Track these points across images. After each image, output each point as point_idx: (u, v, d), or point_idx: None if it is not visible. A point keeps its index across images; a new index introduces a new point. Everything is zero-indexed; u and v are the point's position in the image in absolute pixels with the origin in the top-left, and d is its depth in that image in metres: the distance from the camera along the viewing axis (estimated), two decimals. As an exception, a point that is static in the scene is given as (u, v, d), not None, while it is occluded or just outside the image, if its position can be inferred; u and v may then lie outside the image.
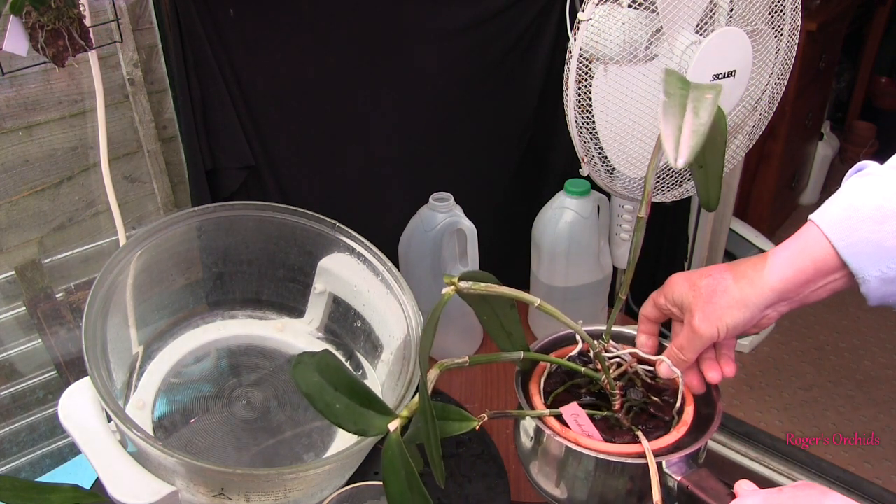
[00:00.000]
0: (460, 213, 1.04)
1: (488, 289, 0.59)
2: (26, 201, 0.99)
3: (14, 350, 1.05)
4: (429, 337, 0.55)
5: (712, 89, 0.56)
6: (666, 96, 0.56)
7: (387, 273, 0.87)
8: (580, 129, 0.93)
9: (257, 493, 0.71)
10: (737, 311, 0.61)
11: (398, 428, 0.51)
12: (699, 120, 0.53)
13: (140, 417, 0.79)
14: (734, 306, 0.61)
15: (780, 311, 0.62)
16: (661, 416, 0.64)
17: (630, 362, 0.67)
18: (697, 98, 0.55)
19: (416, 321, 0.83)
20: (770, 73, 0.98)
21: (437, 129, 1.20)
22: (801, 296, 0.60)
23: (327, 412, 0.51)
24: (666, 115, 0.55)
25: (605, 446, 0.61)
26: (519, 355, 0.65)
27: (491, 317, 0.64)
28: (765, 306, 0.61)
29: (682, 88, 0.56)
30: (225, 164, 1.08)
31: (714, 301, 0.62)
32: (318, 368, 0.51)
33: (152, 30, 0.99)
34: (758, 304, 0.61)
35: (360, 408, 0.52)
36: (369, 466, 0.83)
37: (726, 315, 0.61)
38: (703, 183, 0.63)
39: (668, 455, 0.59)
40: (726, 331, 0.61)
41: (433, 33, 1.12)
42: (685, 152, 0.52)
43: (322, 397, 0.51)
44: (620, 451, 0.60)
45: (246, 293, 0.93)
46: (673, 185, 1.02)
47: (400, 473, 0.50)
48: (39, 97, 0.95)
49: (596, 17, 0.87)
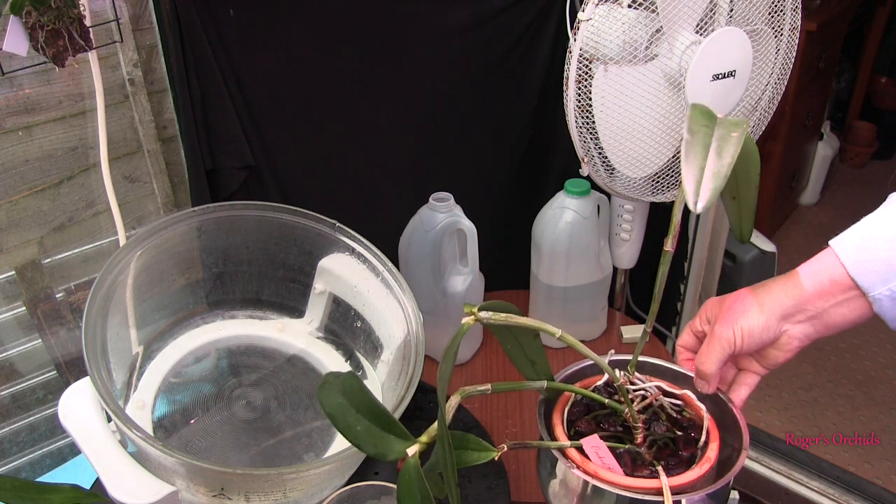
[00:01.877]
0: (460, 213, 1.04)
1: (508, 319, 0.58)
2: (26, 201, 0.99)
3: (14, 350, 1.05)
4: (448, 366, 0.54)
5: (738, 126, 0.54)
6: (689, 134, 0.55)
7: (387, 273, 0.87)
8: (580, 129, 0.93)
9: (257, 493, 0.71)
10: (752, 314, 0.61)
11: (416, 453, 0.52)
12: (722, 161, 0.52)
13: (140, 417, 0.79)
14: (750, 310, 0.62)
15: (803, 332, 0.62)
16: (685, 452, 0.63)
17: (655, 395, 0.65)
18: (723, 137, 0.54)
19: (416, 321, 0.83)
20: (770, 73, 0.98)
21: (437, 129, 1.20)
22: (818, 309, 0.60)
23: (348, 433, 0.52)
24: (688, 154, 0.54)
25: (625, 480, 0.59)
26: (542, 384, 0.64)
27: (514, 345, 0.63)
28: (781, 314, 0.61)
29: (706, 126, 0.55)
30: (225, 164, 1.08)
31: (734, 308, 0.63)
32: (343, 390, 0.52)
33: (152, 30, 0.99)
34: (773, 310, 0.61)
35: (380, 431, 0.53)
36: (369, 466, 0.83)
37: (742, 318, 0.62)
38: (735, 215, 0.62)
39: (689, 494, 0.58)
40: (741, 334, 0.62)
41: (433, 33, 1.12)
42: (705, 196, 0.51)
43: (344, 418, 0.52)
44: (639, 485, 0.59)
45: (246, 293, 0.93)
46: (673, 185, 1.02)
47: (415, 497, 0.51)
48: (39, 97, 0.95)
49: (596, 17, 0.87)
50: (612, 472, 0.60)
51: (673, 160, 0.98)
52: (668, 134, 0.93)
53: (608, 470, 0.60)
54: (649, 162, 0.95)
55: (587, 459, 0.61)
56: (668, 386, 0.66)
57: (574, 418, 0.66)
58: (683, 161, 0.53)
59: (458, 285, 1.08)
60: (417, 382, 0.77)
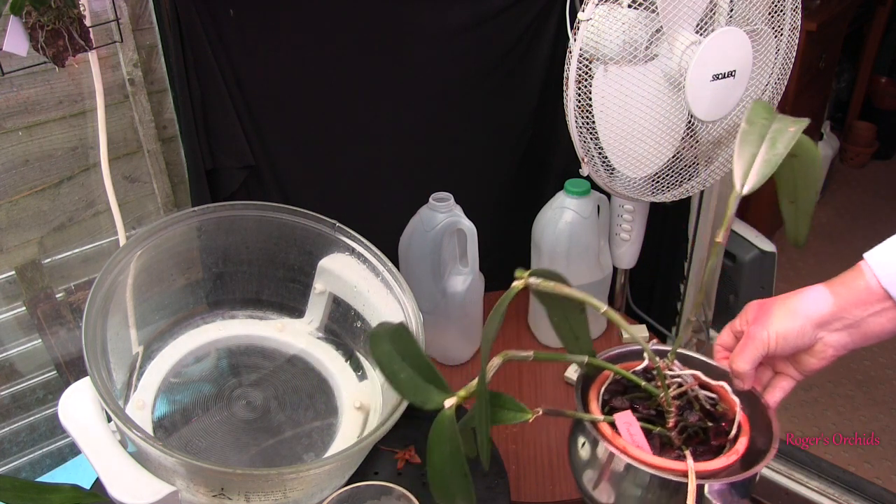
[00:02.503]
0: (460, 213, 1.04)
1: (556, 288, 0.59)
2: (26, 201, 0.99)
3: (14, 350, 1.05)
4: (494, 325, 0.56)
5: (796, 123, 0.56)
6: (748, 124, 0.57)
7: (387, 273, 0.87)
8: (580, 129, 0.93)
9: (257, 493, 0.71)
10: (787, 318, 0.63)
11: (453, 406, 0.54)
12: (775, 150, 0.54)
13: (140, 417, 0.79)
14: (785, 314, 0.63)
15: (839, 341, 0.63)
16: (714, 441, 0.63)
17: (691, 384, 0.66)
18: (779, 130, 0.56)
19: (416, 321, 0.83)
20: (770, 73, 0.98)
21: (437, 129, 1.20)
22: (855, 318, 0.61)
23: (392, 379, 0.54)
24: (743, 142, 0.56)
25: (652, 458, 0.60)
26: (583, 359, 0.64)
27: (561, 318, 0.64)
28: (816, 321, 0.62)
29: (765, 119, 0.57)
30: (225, 164, 1.07)
31: (772, 311, 0.64)
32: (392, 338, 0.54)
33: (152, 30, 0.99)
34: (808, 316, 0.62)
35: (422, 381, 0.54)
36: (369, 466, 0.83)
37: (776, 321, 0.63)
38: (792, 218, 0.63)
39: (713, 479, 0.58)
40: (776, 337, 0.63)
41: (433, 33, 1.12)
42: (752, 181, 0.54)
43: (390, 365, 0.54)
44: (666, 465, 0.59)
45: (246, 293, 0.93)
46: (673, 185, 1.02)
47: (445, 447, 0.53)
48: (39, 97, 0.95)
49: (596, 17, 0.87)
50: (641, 449, 0.60)
51: (673, 160, 0.98)
52: (668, 134, 0.93)
53: (637, 447, 0.60)
54: (649, 162, 0.95)
55: (618, 436, 0.62)
56: (705, 377, 0.67)
57: (609, 397, 0.67)
58: (737, 147, 0.56)
59: (458, 285, 1.08)
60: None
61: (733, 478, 0.59)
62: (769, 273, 1.80)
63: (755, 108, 0.59)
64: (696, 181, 1.04)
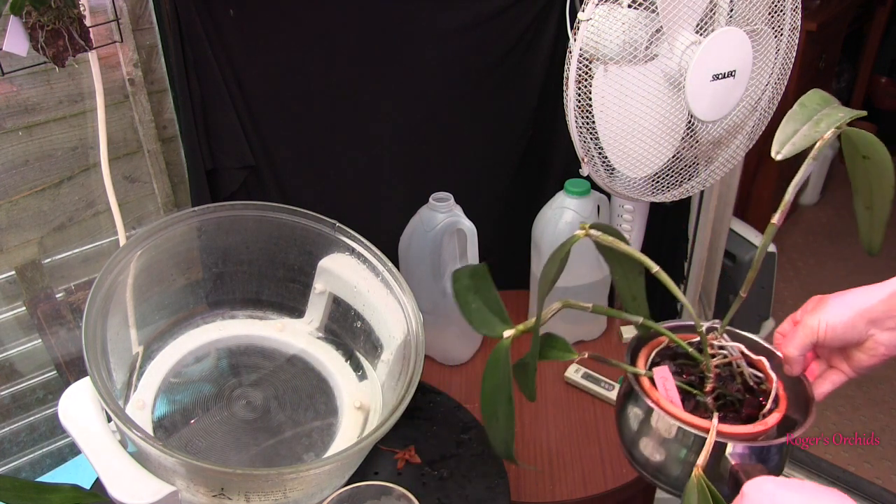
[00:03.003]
0: (460, 213, 1.04)
1: (613, 243, 0.65)
2: (26, 201, 0.99)
3: (14, 350, 1.05)
4: (554, 266, 0.62)
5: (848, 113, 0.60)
6: (799, 105, 0.62)
7: (387, 273, 0.87)
8: (580, 129, 0.93)
9: (257, 493, 0.71)
10: (839, 309, 0.63)
11: (511, 337, 0.60)
12: (817, 129, 0.59)
13: (140, 417, 0.79)
14: (839, 305, 0.63)
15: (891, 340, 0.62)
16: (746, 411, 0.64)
17: (736, 357, 0.67)
18: (828, 114, 0.61)
19: (416, 321, 0.83)
20: (770, 73, 0.98)
21: (437, 129, 1.20)
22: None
23: (464, 308, 0.63)
24: (789, 119, 0.62)
25: (679, 412, 0.62)
26: (638, 319, 0.68)
27: (622, 277, 0.69)
28: (868, 317, 0.61)
29: (818, 104, 0.63)
30: (225, 164, 1.08)
31: (827, 302, 0.64)
32: (471, 274, 0.64)
33: (152, 30, 0.99)
34: (860, 310, 0.62)
35: (489, 313, 0.63)
36: (369, 466, 0.83)
37: (829, 311, 0.63)
38: (867, 224, 0.63)
39: (734, 440, 0.60)
40: (825, 326, 0.63)
41: (433, 33, 1.12)
42: (788, 150, 0.59)
43: (465, 295, 0.63)
44: (691, 421, 0.61)
45: (246, 293, 0.93)
46: (673, 185, 1.02)
47: (497, 373, 0.59)
48: (39, 97, 0.95)
49: (596, 17, 0.87)
50: (672, 403, 0.63)
51: (673, 160, 0.98)
52: (668, 134, 0.93)
53: (669, 401, 0.63)
54: (649, 162, 0.95)
55: (656, 391, 0.64)
56: (751, 353, 0.67)
57: (659, 360, 0.70)
58: (783, 123, 0.61)
59: (458, 285, 1.08)
60: (417, 382, 0.77)
61: (755, 443, 0.60)
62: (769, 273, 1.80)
63: (811, 94, 0.63)
64: (696, 181, 1.04)
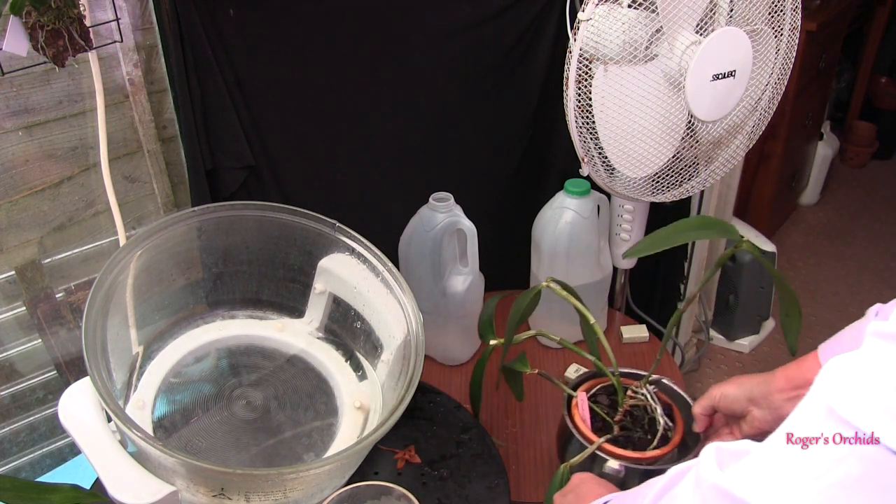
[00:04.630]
0: (460, 213, 1.04)
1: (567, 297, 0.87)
2: (26, 201, 0.99)
3: (14, 350, 1.05)
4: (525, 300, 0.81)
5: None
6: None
7: (387, 273, 0.87)
8: (580, 129, 0.93)
9: (257, 493, 0.71)
10: (733, 386, 0.77)
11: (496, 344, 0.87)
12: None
13: (140, 417, 0.79)
14: (735, 383, 0.77)
15: (763, 417, 0.74)
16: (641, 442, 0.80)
17: (648, 403, 0.82)
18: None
19: (416, 321, 0.83)
20: (770, 73, 0.98)
21: (437, 129, 1.20)
22: (776, 402, 0.73)
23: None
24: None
25: (580, 424, 0.80)
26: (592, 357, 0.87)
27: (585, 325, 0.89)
28: (749, 395, 0.75)
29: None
30: (225, 164, 1.08)
31: (732, 379, 0.78)
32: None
33: (152, 30, 0.99)
34: (745, 389, 0.75)
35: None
36: (369, 466, 0.83)
37: (727, 387, 0.78)
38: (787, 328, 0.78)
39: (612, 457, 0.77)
40: (720, 396, 0.77)
41: (433, 33, 1.12)
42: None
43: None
44: (583, 429, 0.80)
45: (246, 293, 0.93)
46: (673, 185, 1.02)
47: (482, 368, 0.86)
48: (39, 97, 0.95)
49: (596, 17, 0.87)
50: (582, 419, 0.81)
51: (673, 160, 0.98)
52: (668, 134, 0.93)
53: (581, 418, 0.81)
54: (649, 162, 0.95)
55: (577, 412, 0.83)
56: (660, 395, 0.84)
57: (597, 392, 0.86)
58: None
59: (458, 285, 1.08)
60: (417, 382, 0.77)
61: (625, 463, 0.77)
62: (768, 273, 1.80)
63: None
64: (696, 181, 1.04)
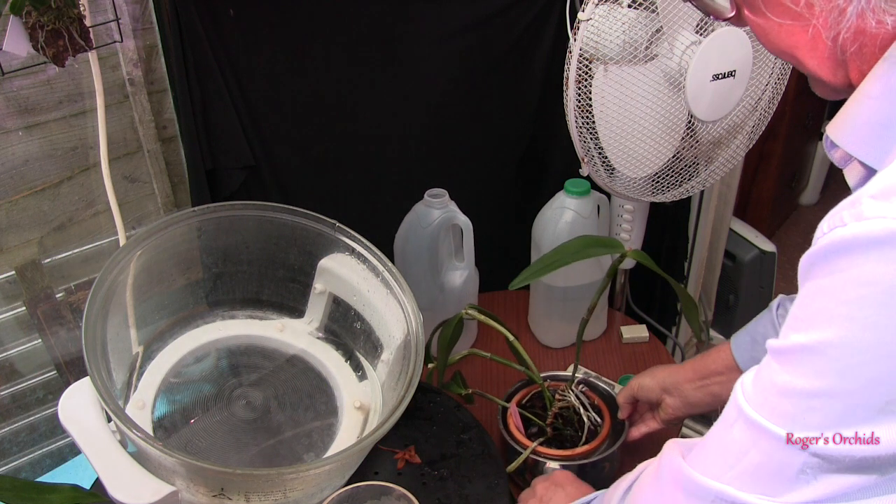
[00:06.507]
0: (455, 209, 1.04)
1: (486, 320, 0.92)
2: (26, 201, 0.99)
3: (14, 350, 1.05)
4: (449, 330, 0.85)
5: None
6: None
7: (387, 273, 0.87)
8: (580, 129, 0.93)
9: (257, 493, 0.71)
10: (649, 376, 0.87)
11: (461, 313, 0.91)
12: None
13: (140, 417, 0.79)
14: (650, 374, 0.87)
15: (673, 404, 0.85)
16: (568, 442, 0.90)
17: (575, 406, 0.90)
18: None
19: (416, 321, 0.83)
20: (770, 73, 0.98)
21: (437, 129, 1.20)
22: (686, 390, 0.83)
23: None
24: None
25: (514, 430, 0.89)
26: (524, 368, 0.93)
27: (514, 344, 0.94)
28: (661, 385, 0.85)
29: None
30: (225, 164, 1.08)
31: (648, 370, 0.88)
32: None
33: (152, 30, 0.99)
34: (658, 379, 0.85)
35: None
36: (369, 466, 0.83)
37: (644, 377, 0.87)
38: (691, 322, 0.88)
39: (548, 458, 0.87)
40: (637, 387, 0.87)
41: (433, 33, 1.12)
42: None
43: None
44: (516, 434, 0.89)
45: (246, 293, 0.93)
46: (673, 185, 1.02)
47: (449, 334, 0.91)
48: (39, 97, 0.95)
49: (596, 17, 0.87)
50: (516, 426, 0.89)
51: (673, 160, 0.98)
52: (668, 134, 0.93)
53: (514, 426, 0.90)
54: (649, 162, 0.95)
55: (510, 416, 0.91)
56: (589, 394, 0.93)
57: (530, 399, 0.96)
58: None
59: (456, 280, 1.08)
60: (417, 382, 0.77)
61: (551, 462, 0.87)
62: (769, 273, 1.80)
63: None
64: (696, 181, 1.04)
